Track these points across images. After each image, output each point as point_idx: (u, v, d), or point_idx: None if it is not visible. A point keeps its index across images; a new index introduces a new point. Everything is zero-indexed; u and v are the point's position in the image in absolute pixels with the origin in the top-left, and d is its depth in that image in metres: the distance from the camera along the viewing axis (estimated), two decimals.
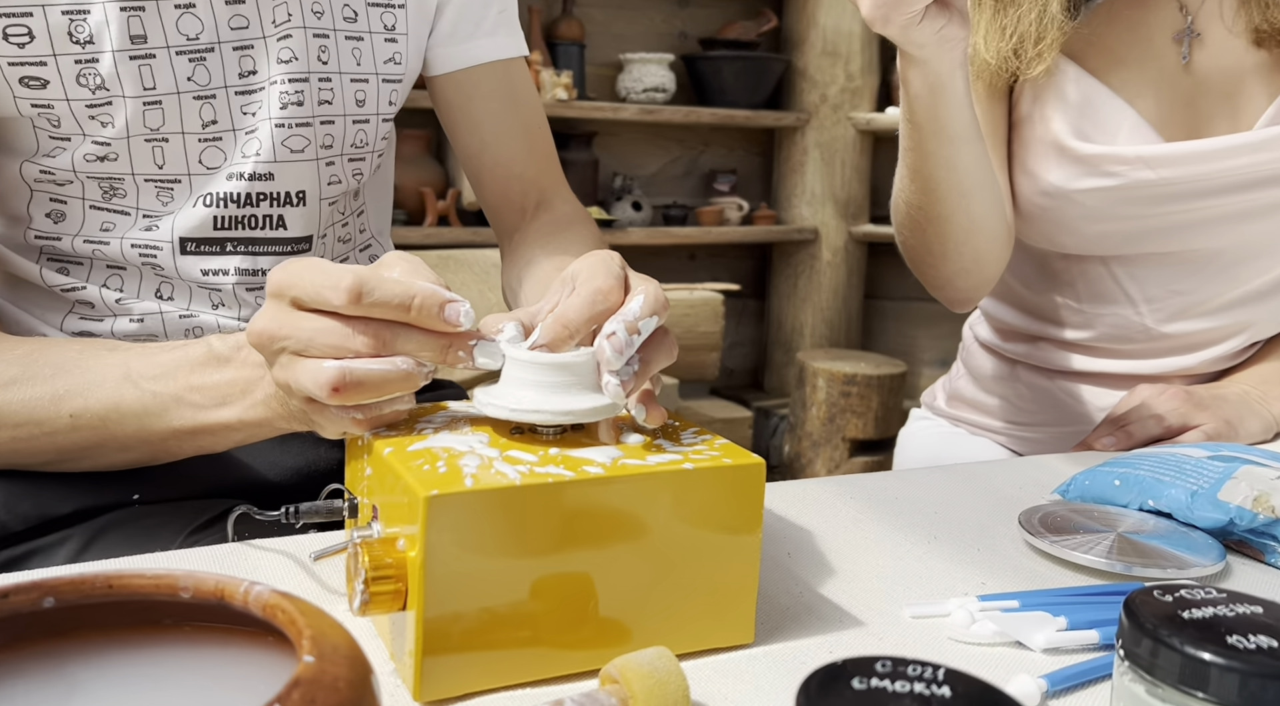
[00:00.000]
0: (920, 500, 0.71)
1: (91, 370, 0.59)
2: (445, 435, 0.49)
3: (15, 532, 0.64)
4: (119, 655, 0.39)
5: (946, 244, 0.84)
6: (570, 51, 2.60)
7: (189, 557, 0.57)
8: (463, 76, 0.83)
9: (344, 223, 0.80)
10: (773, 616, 0.53)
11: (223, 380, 0.56)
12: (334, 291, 0.45)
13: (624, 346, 0.47)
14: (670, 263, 2.94)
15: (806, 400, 2.65)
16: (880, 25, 0.65)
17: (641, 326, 0.49)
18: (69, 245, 0.70)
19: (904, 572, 0.59)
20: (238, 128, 0.71)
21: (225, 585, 0.37)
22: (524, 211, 0.85)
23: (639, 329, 0.48)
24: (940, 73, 0.71)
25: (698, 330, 2.49)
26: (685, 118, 2.68)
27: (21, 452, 0.61)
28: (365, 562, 0.43)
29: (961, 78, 0.72)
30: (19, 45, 0.63)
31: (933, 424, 1.10)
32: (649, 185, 2.88)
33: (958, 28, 0.68)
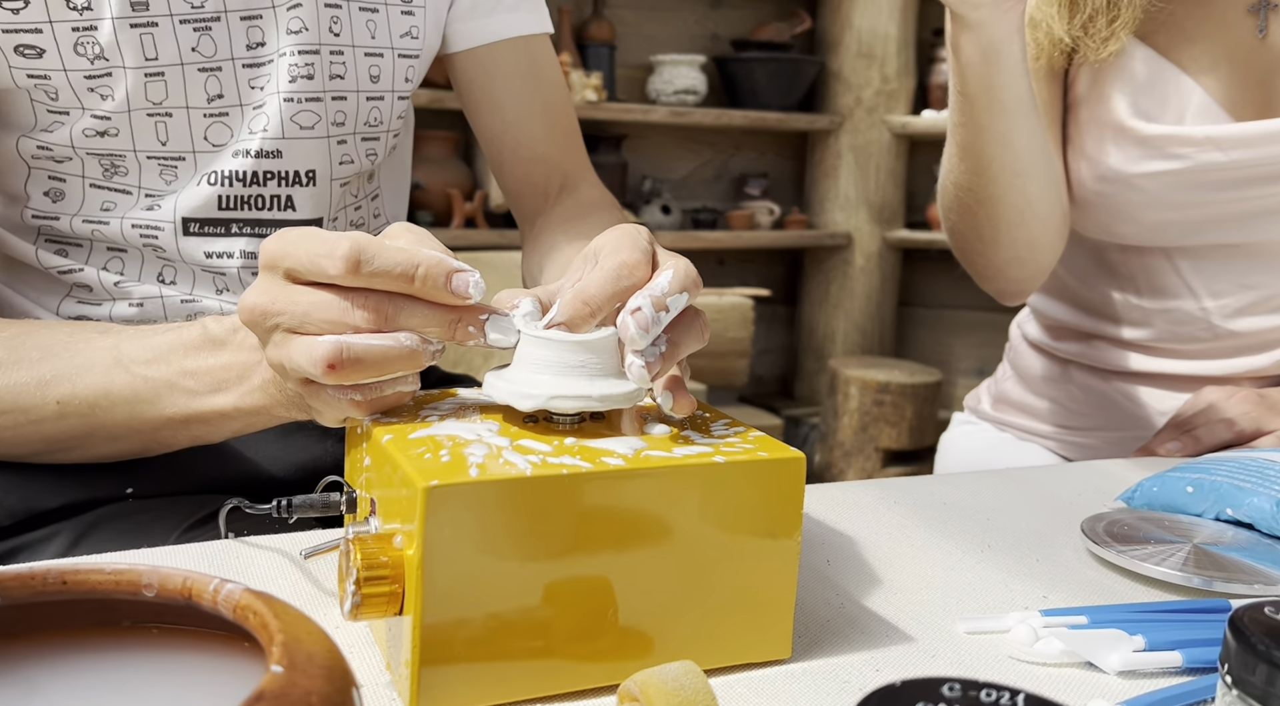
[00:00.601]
0: (970, 506, 0.65)
1: (80, 353, 0.55)
2: (451, 422, 0.45)
3: (2, 527, 0.60)
4: (79, 657, 0.34)
5: (998, 228, 0.78)
6: (600, 53, 2.56)
7: (178, 554, 0.52)
8: (484, 53, 0.78)
9: (357, 206, 0.76)
10: (811, 629, 0.48)
11: (218, 364, 0.52)
12: (330, 260, 0.41)
13: (650, 323, 0.42)
14: (700, 267, 2.82)
15: (838, 408, 2.59)
16: None
17: (670, 303, 0.44)
18: (67, 225, 0.66)
19: (956, 584, 0.54)
20: (245, 103, 0.67)
21: (193, 583, 0.33)
22: (547, 195, 0.80)
23: (667, 305, 0.43)
24: (995, 38, 0.66)
25: (726, 336, 2.44)
26: (716, 120, 2.63)
27: (7, 442, 0.57)
28: (357, 561, 0.39)
29: (1018, 43, 0.67)
30: (13, 11, 0.59)
31: (977, 428, 1.04)
32: (678, 188, 2.84)
33: None
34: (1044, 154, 0.75)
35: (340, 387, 0.43)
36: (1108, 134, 0.83)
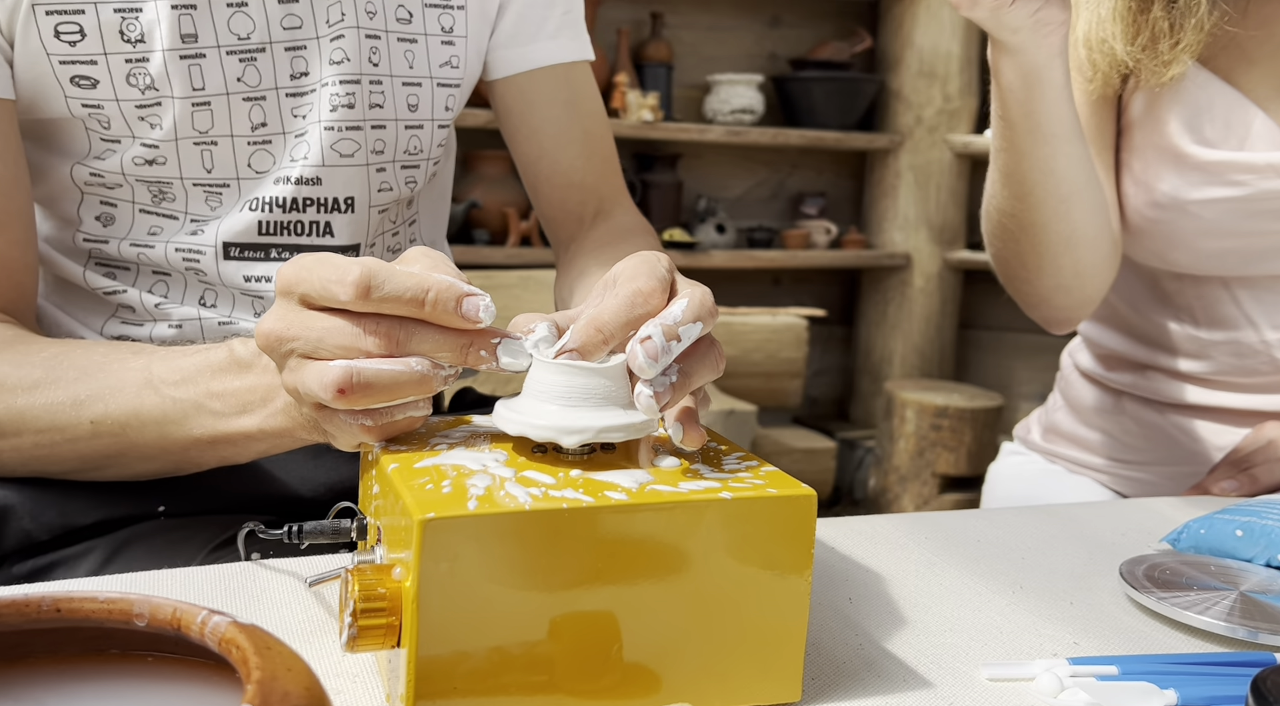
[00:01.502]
0: (1006, 543, 0.63)
1: (114, 374, 0.56)
2: (460, 451, 0.44)
3: (40, 542, 0.61)
4: (70, 683, 0.35)
5: (1042, 256, 0.76)
6: (658, 73, 2.57)
7: (201, 575, 0.53)
8: (523, 80, 0.79)
9: (394, 231, 0.77)
10: (826, 671, 0.46)
11: (243, 386, 0.53)
12: (341, 286, 0.41)
13: (659, 352, 0.42)
14: (754, 287, 2.87)
15: (894, 432, 2.55)
16: (968, 8, 0.59)
17: (682, 332, 0.43)
18: (116, 249, 0.68)
19: (983, 626, 0.52)
20: (287, 131, 0.68)
21: (182, 614, 0.33)
22: (581, 221, 0.80)
23: (679, 335, 0.43)
24: (1036, 62, 0.64)
25: (780, 356, 2.42)
26: (773, 139, 2.62)
27: (45, 460, 0.58)
28: (354, 592, 0.38)
29: (1060, 68, 0.65)
30: (70, 43, 0.61)
31: (1026, 459, 1.01)
32: (733, 207, 2.83)
33: (1056, 10, 0.61)
34: (1089, 180, 0.73)
35: (352, 413, 0.43)
36: (1164, 159, 0.81)
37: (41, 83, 0.62)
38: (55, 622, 0.33)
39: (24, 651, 0.34)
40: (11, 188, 0.61)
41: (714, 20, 2.76)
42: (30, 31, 0.60)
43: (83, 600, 0.33)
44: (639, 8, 2.65)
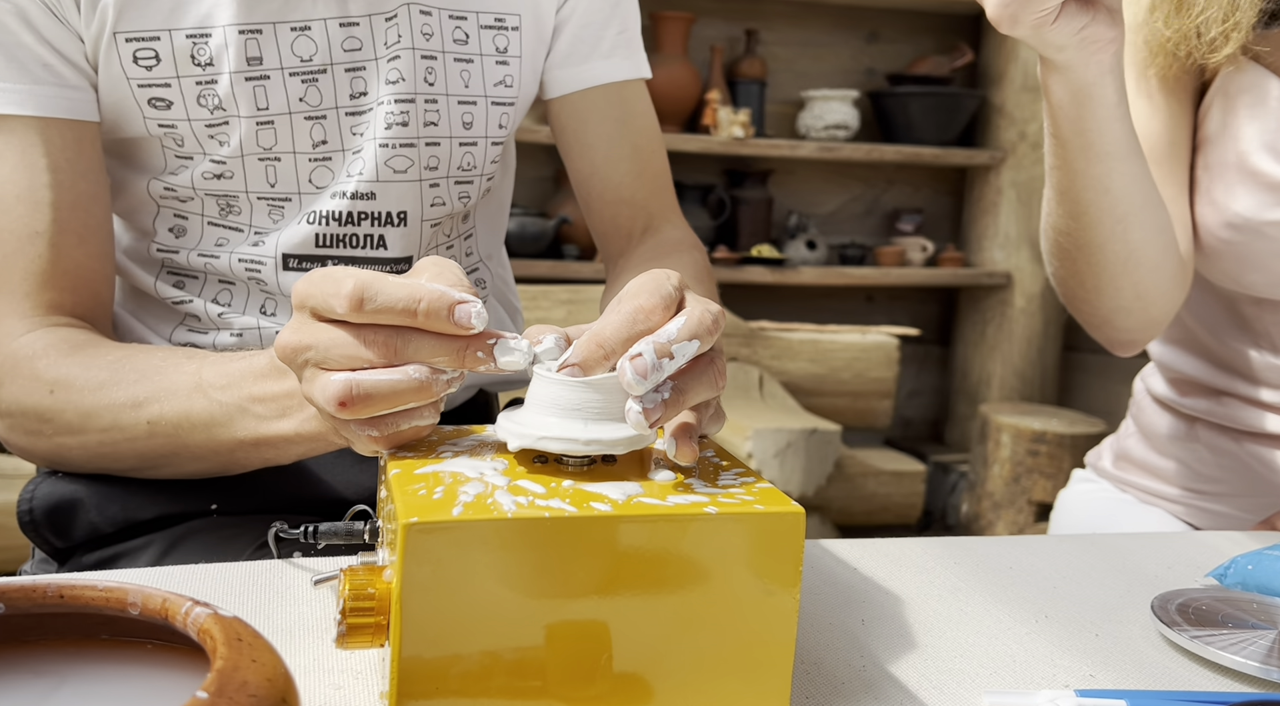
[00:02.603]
0: (1039, 571, 0.61)
1: (169, 378, 0.60)
2: (463, 460, 0.46)
3: (105, 534, 0.66)
4: (78, 666, 0.37)
5: (1100, 276, 0.74)
6: (750, 89, 2.58)
7: (242, 569, 0.56)
8: (577, 99, 0.81)
9: (449, 245, 0.79)
10: (823, 689, 0.46)
11: (281, 391, 0.56)
12: (337, 299, 0.43)
13: (649, 370, 0.42)
14: (846, 304, 2.83)
15: (988, 457, 2.47)
16: (1009, 26, 0.58)
17: (675, 350, 0.44)
18: (185, 259, 0.73)
19: (997, 654, 0.51)
20: (346, 148, 0.71)
21: (170, 604, 0.35)
22: (630, 237, 0.82)
23: (671, 352, 0.43)
24: (1085, 79, 0.62)
25: (869, 376, 2.38)
26: (867, 155, 2.59)
27: (107, 456, 0.62)
28: (345, 592, 0.40)
29: (1112, 85, 0.63)
30: (147, 68, 0.66)
31: (1097, 487, 0.98)
32: (826, 224, 2.80)
33: (1104, 28, 0.59)
34: (1147, 199, 0.70)
35: (359, 423, 0.45)
36: (1239, 178, 0.77)
37: (122, 105, 0.67)
38: (59, 607, 0.35)
39: (38, 634, 0.36)
40: (93, 204, 0.66)
41: (809, 36, 2.75)
42: (112, 58, 0.65)
43: (83, 588, 0.35)
44: (733, 25, 2.66)
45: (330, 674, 0.45)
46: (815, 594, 0.56)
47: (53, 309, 0.64)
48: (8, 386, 0.62)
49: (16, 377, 0.62)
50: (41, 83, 0.63)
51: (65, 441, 0.62)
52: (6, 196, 0.62)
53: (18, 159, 0.63)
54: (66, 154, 0.64)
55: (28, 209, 0.63)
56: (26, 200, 0.63)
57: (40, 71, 0.63)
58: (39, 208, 0.63)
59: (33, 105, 0.63)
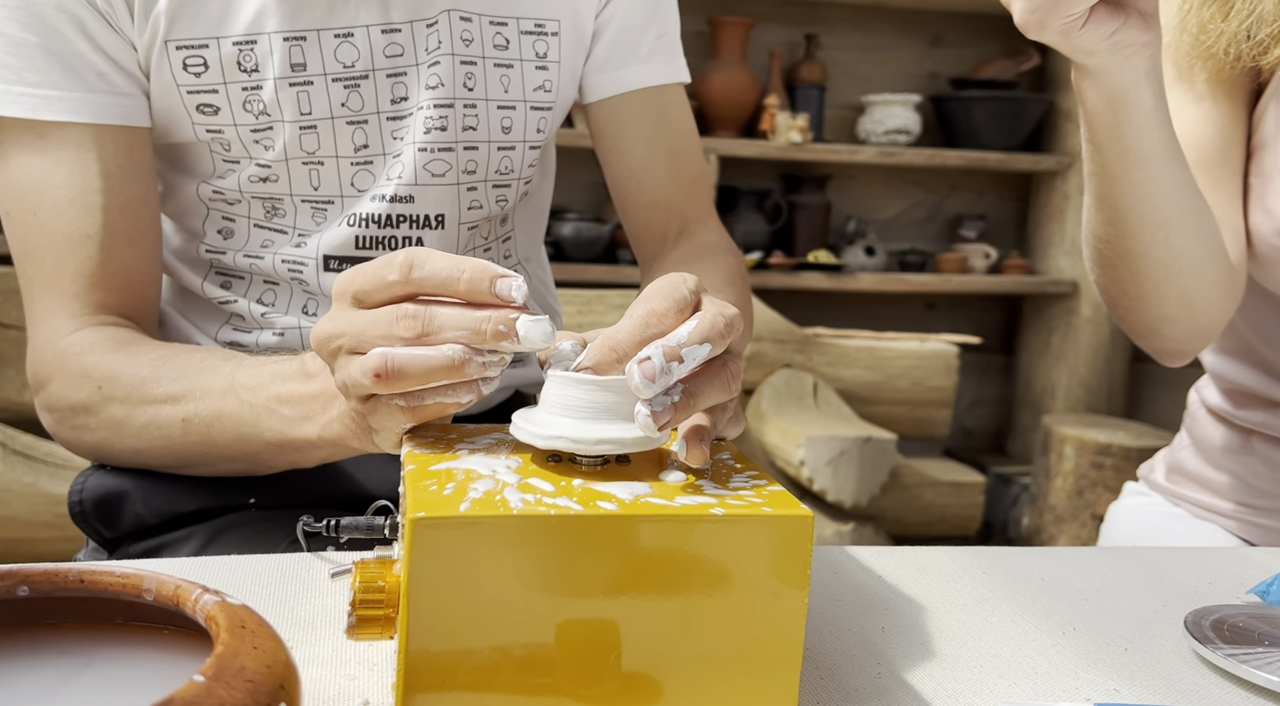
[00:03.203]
0: (1071, 583, 0.60)
1: (205, 378, 0.61)
2: (480, 457, 0.47)
3: (150, 526, 0.68)
4: (98, 648, 0.39)
5: (1142, 284, 0.72)
6: (810, 94, 2.56)
7: (272, 561, 0.57)
8: (615, 103, 0.81)
9: (486, 247, 0.81)
10: (835, 695, 0.46)
11: (306, 394, 0.57)
12: (390, 268, 0.45)
13: (656, 373, 0.43)
14: (906, 311, 2.79)
15: (1050, 469, 2.41)
16: (1036, 31, 0.57)
17: (686, 353, 0.44)
18: (232, 260, 0.75)
19: (1018, 665, 0.50)
20: (387, 152, 0.73)
21: (182, 591, 0.36)
22: (665, 240, 0.82)
23: (681, 356, 0.44)
24: (1120, 84, 0.61)
25: (927, 384, 2.34)
26: (929, 160, 2.55)
27: (145, 452, 0.65)
28: (355, 584, 0.41)
29: (1148, 90, 0.62)
30: (195, 75, 0.68)
31: (1149, 501, 0.95)
32: (885, 230, 2.77)
33: (1137, 31, 0.58)
34: (1190, 206, 0.68)
35: (390, 396, 0.46)
36: None
37: (172, 111, 0.69)
38: (80, 592, 0.37)
39: (61, 617, 0.38)
40: (142, 207, 0.69)
41: (872, 41, 2.72)
42: (163, 66, 0.67)
43: (101, 573, 0.37)
44: (793, 30, 2.65)
45: (346, 665, 0.46)
46: (836, 600, 0.56)
47: (101, 308, 0.67)
48: (56, 382, 0.65)
49: (64, 373, 0.64)
50: (95, 90, 0.65)
51: (107, 436, 0.64)
52: (60, 200, 0.65)
53: (72, 164, 0.65)
54: (118, 159, 0.67)
55: (79, 212, 0.65)
56: (79, 204, 0.65)
57: (94, 79, 0.65)
58: (90, 211, 0.66)
59: (87, 112, 0.65)
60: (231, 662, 0.31)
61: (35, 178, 0.65)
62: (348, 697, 0.43)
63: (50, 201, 0.65)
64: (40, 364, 0.66)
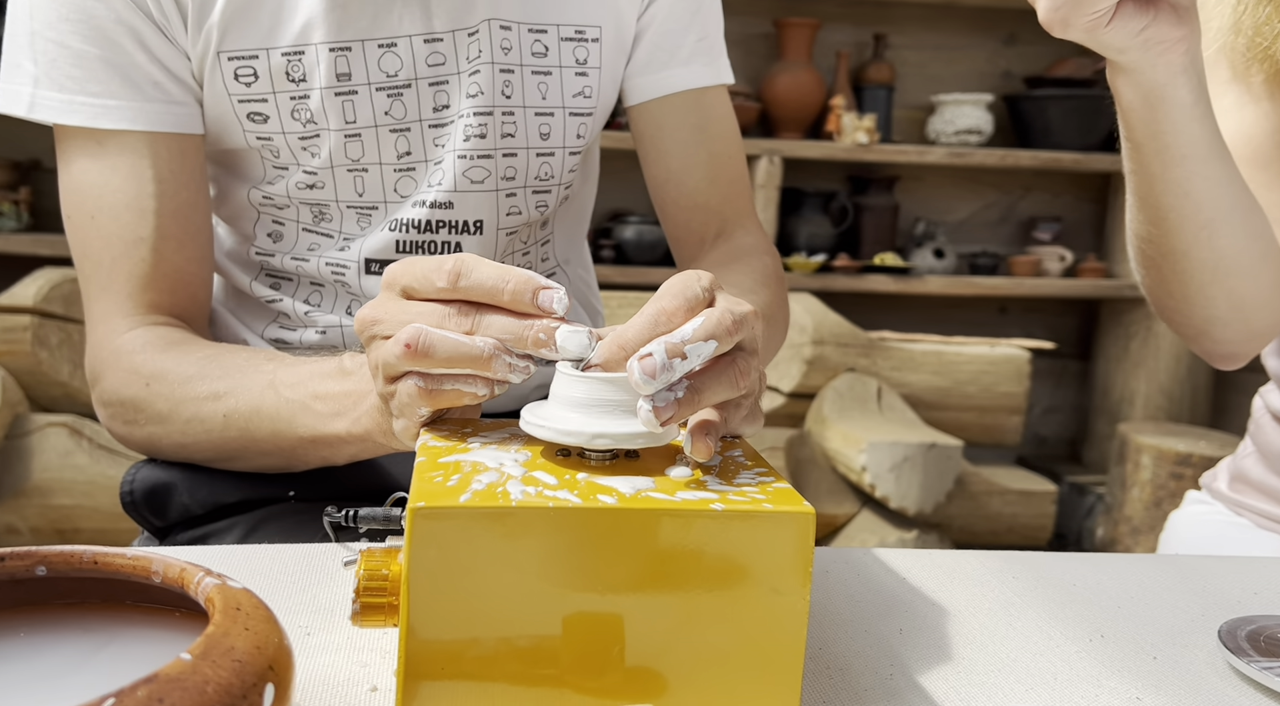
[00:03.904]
0: (1105, 590, 0.58)
1: (247, 375, 0.64)
2: (490, 450, 0.47)
3: (196, 515, 0.71)
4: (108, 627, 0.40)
5: (1188, 285, 0.69)
6: (877, 94, 2.53)
7: (301, 550, 0.59)
8: (655, 106, 0.81)
9: (525, 252, 0.81)
10: (843, 694, 0.45)
11: (340, 391, 0.59)
12: (439, 273, 0.46)
13: (657, 370, 0.43)
14: (977, 315, 2.73)
15: (1126, 479, 2.34)
16: (1060, 29, 0.55)
17: (689, 350, 0.44)
18: (280, 262, 0.77)
19: (1037, 671, 0.48)
20: (429, 159, 0.74)
21: (186, 574, 0.38)
22: (703, 242, 0.82)
23: (684, 353, 0.44)
24: (1155, 81, 0.59)
25: (996, 390, 2.28)
26: (1001, 161, 2.49)
27: (189, 446, 0.67)
28: (360, 572, 0.42)
29: (1186, 86, 0.59)
30: (246, 85, 0.70)
31: (1210, 509, 0.91)
32: (956, 232, 2.71)
33: (1169, 27, 0.56)
34: (1236, 204, 0.66)
35: (413, 375, 0.47)
36: None
37: (224, 119, 0.71)
38: (94, 573, 0.39)
39: (80, 597, 0.40)
40: (193, 211, 0.71)
41: (943, 40, 2.68)
42: (216, 76, 0.70)
43: (113, 556, 0.39)
44: (861, 30, 2.62)
45: (359, 652, 0.47)
46: (856, 601, 0.55)
47: (153, 309, 0.70)
48: (109, 378, 0.68)
49: (117, 370, 0.67)
50: (151, 99, 0.68)
51: (155, 430, 0.67)
52: (116, 205, 0.68)
53: (128, 170, 0.68)
54: (171, 165, 0.69)
55: (134, 216, 0.68)
56: (133, 208, 0.68)
57: (150, 89, 0.68)
58: (144, 215, 0.68)
59: (143, 121, 0.68)
60: (221, 642, 0.33)
61: (94, 183, 0.68)
62: (357, 682, 0.45)
63: (107, 206, 0.68)
64: (96, 361, 0.70)
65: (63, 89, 0.66)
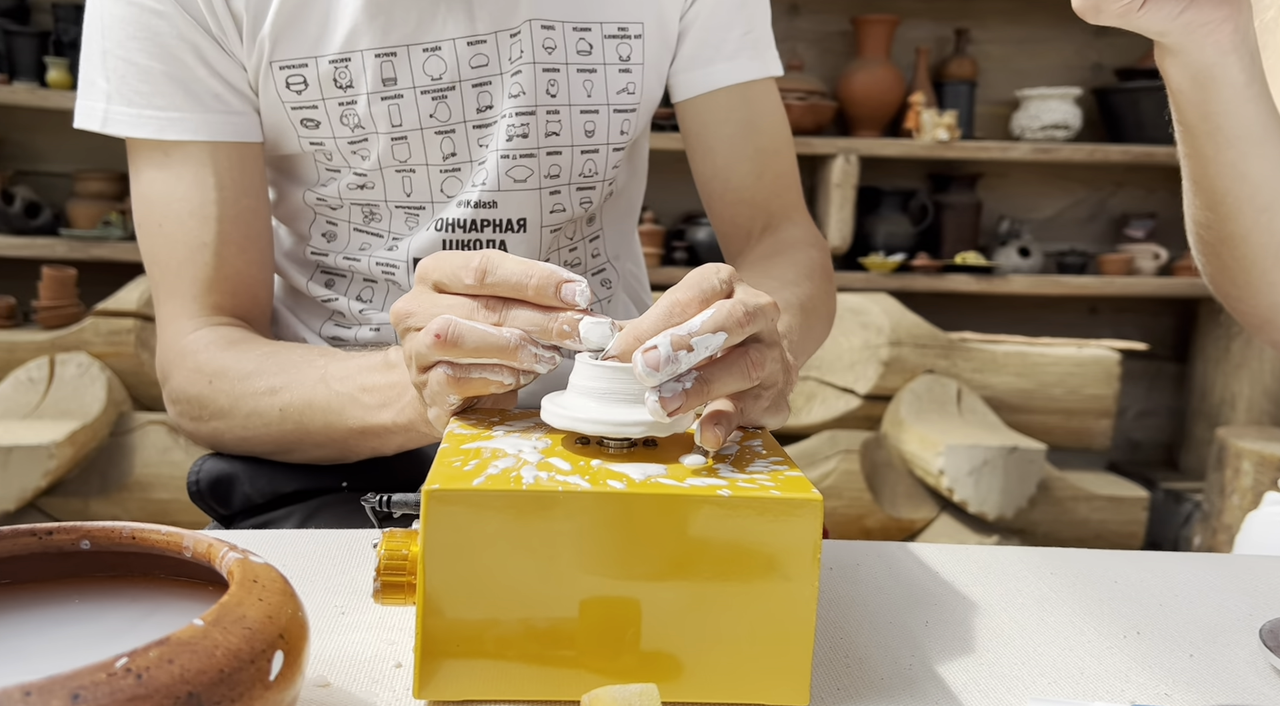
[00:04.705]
0: (1148, 587, 0.57)
1: (301, 370, 0.67)
2: (512, 438, 0.49)
3: (257, 505, 0.74)
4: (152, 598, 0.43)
5: (1249, 271, 0.67)
6: (959, 90, 2.48)
7: (343, 537, 0.61)
8: (700, 102, 0.82)
9: (572, 248, 0.83)
10: (858, 682, 0.45)
11: (385, 383, 0.61)
12: (465, 270, 0.48)
13: (661, 362, 0.44)
14: (1065, 315, 2.65)
15: (1225, 486, 2.24)
16: (1093, 15, 0.54)
17: (696, 342, 0.45)
18: (334, 261, 0.81)
19: (1064, 665, 0.47)
20: (473, 159, 0.76)
21: (213, 548, 0.40)
22: (750, 236, 0.82)
23: (690, 344, 0.44)
24: (1203, 62, 0.57)
25: (1083, 392, 2.21)
26: (1089, 156, 2.42)
27: (249, 441, 0.70)
28: (381, 552, 0.44)
29: (1237, 65, 0.57)
30: (297, 92, 0.73)
31: None
32: (1042, 230, 2.64)
33: (1209, 7, 0.54)
34: None
35: (443, 364, 0.49)
36: None
37: (280, 126, 0.75)
38: (133, 548, 0.41)
39: (123, 570, 0.43)
40: (253, 217, 0.75)
41: (1028, 33, 2.61)
42: (269, 85, 0.73)
43: (149, 532, 0.41)
44: (942, 25, 2.57)
45: (389, 630, 0.49)
46: (884, 593, 0.55)
47: (216, 310, 0.73)
48: (176, 377, 0.72)
49: (183, 369, 0.71)
50: (212, 111, 0.72)
51: (218, 425, 0.70)
52: (181, 212, 0.72)
53: (192, 178, 0.72)
54: (232, 173, 0.73)
55: (197, 223, 0.72)
56: (197, 215, 0.72)
57: (211, 100, 0.72)
58: (206, 222, 0.72)
59: (204, 131, 0.72)
60: (234, 611, 0.35)
61: (161, 192, 0.72)
62: (383, 659, 0.46)
63: (173, 213, 0.72)
64: (164, 361, 0.74)
65: (131, 103, 0.71)
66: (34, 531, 0.41)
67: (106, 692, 0.30)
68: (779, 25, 2.59)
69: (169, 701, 0.30)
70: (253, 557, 0.39)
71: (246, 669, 0.33)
